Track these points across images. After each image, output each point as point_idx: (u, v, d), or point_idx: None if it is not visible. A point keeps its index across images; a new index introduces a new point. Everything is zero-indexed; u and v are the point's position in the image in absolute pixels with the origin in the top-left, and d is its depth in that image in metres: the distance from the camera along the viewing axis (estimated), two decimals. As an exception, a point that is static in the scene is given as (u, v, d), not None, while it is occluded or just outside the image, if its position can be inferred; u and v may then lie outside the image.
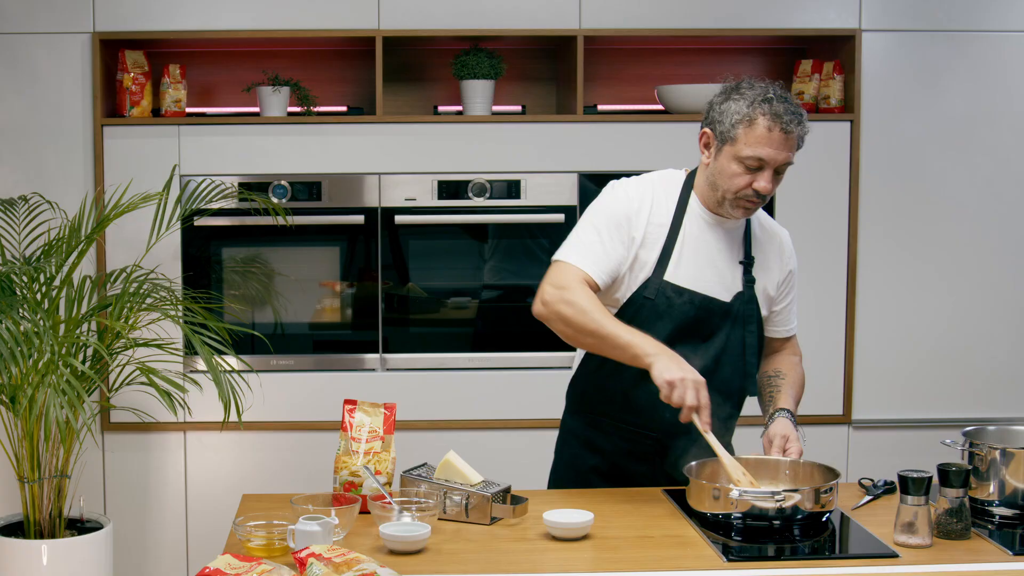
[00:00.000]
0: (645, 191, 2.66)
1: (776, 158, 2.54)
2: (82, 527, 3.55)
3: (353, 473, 2.52)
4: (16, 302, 3.33)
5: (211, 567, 2.05)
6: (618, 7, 3.93)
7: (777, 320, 2.81)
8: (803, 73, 4.09)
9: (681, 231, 2.64)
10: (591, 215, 2.65)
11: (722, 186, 2.59)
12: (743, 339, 2.69)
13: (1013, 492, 2.45)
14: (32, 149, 3.86)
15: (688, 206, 2.66)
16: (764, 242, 2.75)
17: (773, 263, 2.75)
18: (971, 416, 3.98)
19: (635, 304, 2.63)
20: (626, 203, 2.63)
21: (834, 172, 4.01)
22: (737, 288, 2.68)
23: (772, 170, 2.55)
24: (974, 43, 4.02)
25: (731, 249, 2.69)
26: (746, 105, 2.54)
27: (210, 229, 3.92)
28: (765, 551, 2.29)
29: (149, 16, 3.86)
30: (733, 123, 2.54)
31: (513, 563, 2.22)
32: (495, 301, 4.03)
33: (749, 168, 2.55)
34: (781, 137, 2.53)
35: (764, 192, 2.56)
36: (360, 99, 4.21)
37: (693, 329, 2.64)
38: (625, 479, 2.72)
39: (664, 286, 2.62)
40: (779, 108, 2.52)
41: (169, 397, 3.26)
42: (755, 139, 2.52)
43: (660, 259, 2.62)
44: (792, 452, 2.60)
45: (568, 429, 2.82)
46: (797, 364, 2.85)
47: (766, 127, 2.52)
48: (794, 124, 2.53)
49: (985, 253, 4.08)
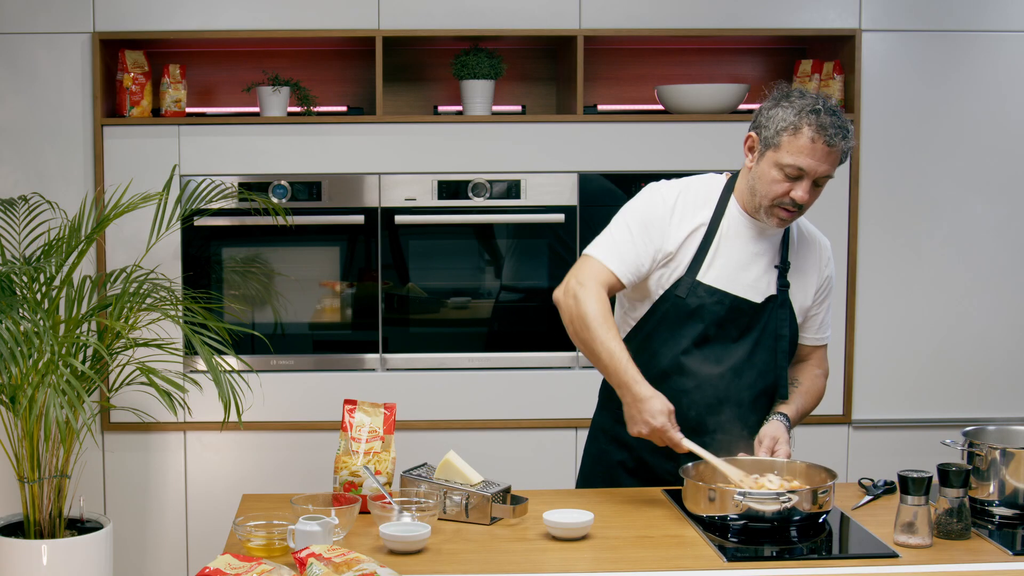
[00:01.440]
0: (681, 195, 2.69)
1: (817, 169, 2.55)
2: (82, 527, 3.55)
3: (353, 473, 2.52)
4: (16, 302, 3.33)
5: (211, 567, 2.05)
6: (618, 7, 3.93)
7: (808, 326, 2.81)
8: (803, 73, 4.09)
9: (718, 233, 2.67)
10: (626, 213, 2.69)
11: (760, 191, 2.61)
12: (775, 343, 2.70)
13: (1013, 492, 2.45)
14: (32, 149, 3.86)
15: (727, 209, 2.68)
16: (803, 248, 2.76)
17: (811, 269, 2.76)
18: (971, 416, 3.98)
19: (667, 301, 2.66)
20: (661, 206, 2.67)
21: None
22: (771, 292, 2.69)
23: (811, 181, 2.56)
24: (974, 43, 4.02)
25: (768, 253, 2.70)
26: (793, 114, 2.55)
27: (210, 229, 3.92)
28: (766, 552, 2.29)
29: (149, 16, 3.86)
30: (779, 130, 2.56)
31: (513, 563, 2.22)
32: (495, 301, 4.03)
33: (788, 176, 2.56)
34: (824, 150, 2.54)
35: (800, 201, 2.57)
36: (360, 99, 4.21)
37: (723, 329, 2.66)
38: (652, 476, 2.73)
39: (696, 286, 2.64)
40: (826, 120, 2.53)
41: (169, 397, 3.26)
42: (798, 148, 2.54)
43: (694, 259, 2.65)
44: (780, 454, 2.60)
45: (597, 425, 2.84)
46: (818, 377, 2.84)
47: (810, 138, 2.53)
48: (839, 138, 2.54)
49: (985, 253, 4.08)
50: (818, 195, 2.62)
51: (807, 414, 2.81)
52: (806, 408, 2.79)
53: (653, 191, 2.71)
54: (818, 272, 2.78)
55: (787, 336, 2.71)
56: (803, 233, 2.79)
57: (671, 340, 2.67)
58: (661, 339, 2.68)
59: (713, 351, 2.65)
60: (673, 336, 2.67)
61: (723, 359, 2.66)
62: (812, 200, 2.60)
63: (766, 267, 2.69)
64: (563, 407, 3.96)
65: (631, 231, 2.65)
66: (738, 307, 2.66)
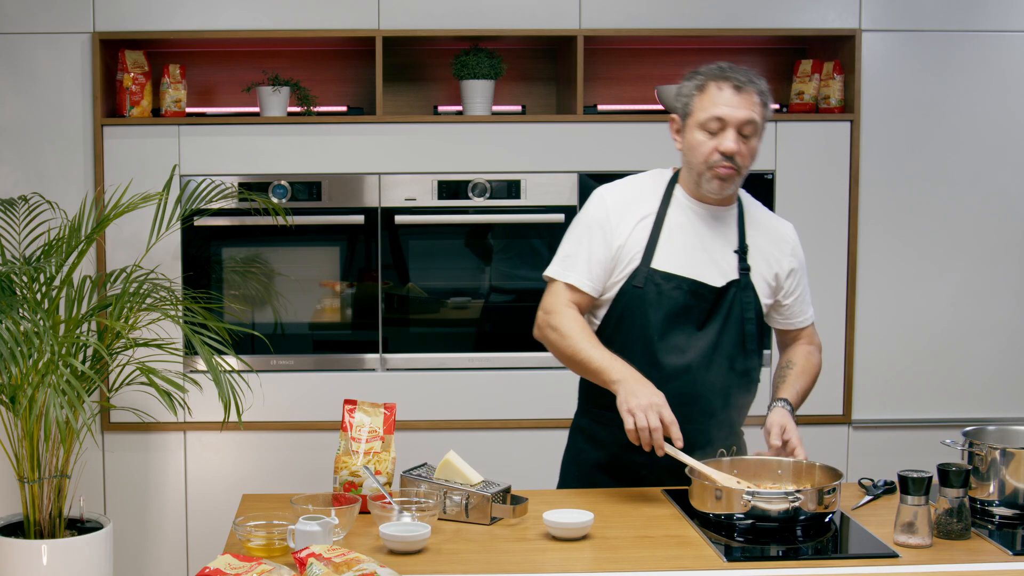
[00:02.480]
0: (621, 191, 2.74)
1: (735, 115, 2.59)
2: (82, 527, 3.55)
3: (353, 473, 2.52)
4: (16, 302, 3.33)
5: (211, 567, 2.05)
6: (618, 7, 3.93)
7: (789, 312, 2.83)
8: (803, 73, 4.09)
9: (666, 220, 2.69)
10: (574, 225, 2.75)
11: (693, 160, 2.65)
12: (741, 327, 2.69)
13: (1013, 492, 2.45)
14: (32, 149, 3.86)
15: (673, 197, 2.72)
16: (760, 232, 2.76)
17: (772, 253, 2.76)
18: (971, 416, 3.98)
19: (626, 295, 2.67)
20: (601, 207, 2.71)
21: (834, 172, 4.01)
22: (733, 276, 2.69)
23: (735, 131, 2.59)
24: (974, 43, 4.02)
25: (724, 237, 2.72)
26: (698, 78, 2.65)
27: (210, 229, 3.92)
28: (765, 551, 2.29)
29: (149, 16, 3.86)
30: (689, 96, 2.65)
31: (513, 563, 2.22)
32: (495, 301, 4.03)
33: (712, 132, 2.61)
34: (733, 93, 2.60)
35: (729, 152, 2.60)
36: (360, 99, 4.21)
37: (686, 316, 2.66)
38: (625, 471, 2.73)
39: (652, 273, 2.65)
40: (728, 71, 2.62)
41: (169, 397, 3.26)
42: (710, 101, 2.61)
43: (646, 249, 2.67)
44: (793, 443, 2.60)
45: (576, 426, 2.85)
46: (812, 353, 2.85)
47: (716, 87, 2.61)
48: (743, 79, 2.61)
49: (985, 253, 4.08)
50: (754, 152, 2.64)
51: (808, 393, 2.81)
52: (806, 388, 2.80)
53: (594, 195, 2.75)
54: (782, 256, 2.78)
55: (753, 319, 2.71)
56: (760, 217, 2.79)
57: (635, 334, 2.67)
58: (625, 334, 2.68)
59: (678, 340, 2.64)
60: (636, 329, 2.67)
61: (688, 348, 2.65)
62: (747, 156, 2.63)
63: (723, 251, 2.70)
64: (563, 407, 3.94)
65: (580, 241, 2.70)
66: (698, 292, 2.66)
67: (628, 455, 2.70)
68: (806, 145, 4.01)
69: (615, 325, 2.70)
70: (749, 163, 2.65)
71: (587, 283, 2.68)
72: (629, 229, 2.67)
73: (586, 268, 2.67)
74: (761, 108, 2.63)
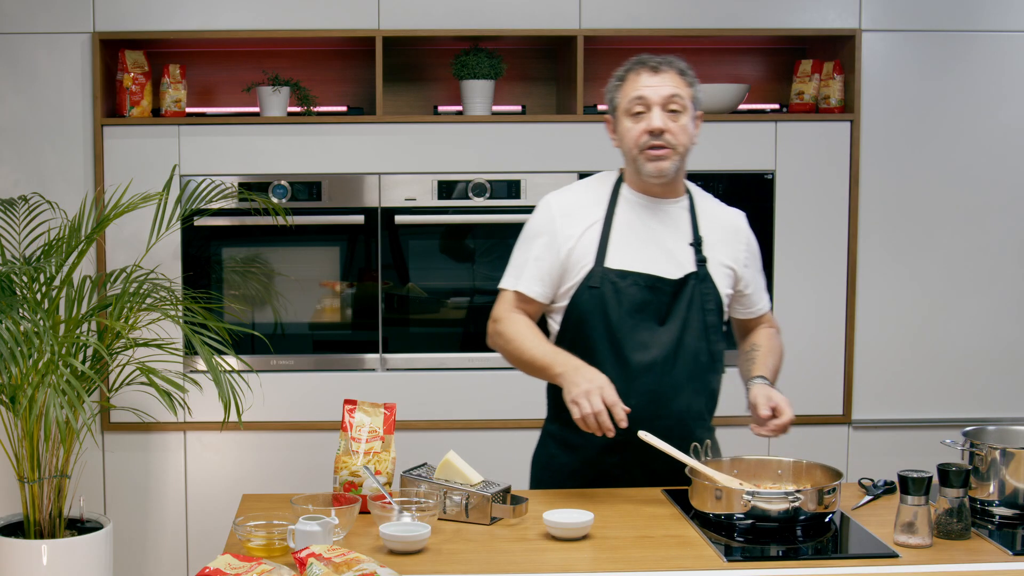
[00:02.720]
0: (566, 198, 2.76)
1: (657, 93, 2.63)
2: (82, 527, 3.55)
3: (353, 473, 2.52)
4: (16, 302, 3.33)
5: (211, 567, 2.05)
6: (618, 7, 3.93)
7: (746, 302, 2.83)
8: (803, 73, 4.09)
9: (616, 220, 2.70)
10: (522, 234, 2.77)
11: (627, 148, 2.68)
12: (703, 319, 2.69)
13: (1013, 492, 2.45)
14: (32, 149, 3.86)
15: (620, 195, 2.73)
16: (713, 223, 2.76)
17: (728, 244, 2.76)
18: (971, 416, 3.98)
19: (583, 296, 2.67)
20: (546, 214, 2.73)
21: (834, 172, 4.01)
22: (690, 268, 2.69)
23: (660, 108, 2.62)
24: (974, 43, 4.02)
25: (678, 230, 2.72)
26: (619, 72, 2.72)
27: (210, 229, 3.92)
28: (765, 551, 2.29)
29: (149, 16, 3.86)
30: (614, 91, 2.71)
31: (513, 563, 2.22)
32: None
33: (639, 116, 2.64)
34: (650, 74, 2.65)
35: (656, 129, 2.62)
36: (360, 99, 4.21)
37: (646, 311, 2.66)
38: (598, 473, 2.72)
39: (607, 273, 2.66)
40: (643, 58, 2.69)
41: (169, 397, 3.26)
42: (631, 87, 2.67)
43: (598, 250, 2.67)
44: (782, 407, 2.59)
45: (547, 432, 2.84)
46: (773, 335, 2.86)
47: (634, 73, 2.68)
48: (658, 60, 2.66)
49: (985, 253, 4.08)
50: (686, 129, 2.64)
51: (779, 372, 2.81)
52: (777, 366, 2.80)
53: (541, 203, 2.77)
54: (735, 245, 2.78)
55: (714, 310, 2.71)
56: (711, 208, 2.79)
57: (597, 334, 2.66)
58: (587, 336, 2.67)
59: (642, 337, 2.64)
60: (598, 330, 2.66)
61: (652, 344, 2.64)
62: (679, 132, 2.63)
63: (678, 244, 2.70)
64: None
65: (528, 250, 2.72)
66: (655, 286, 2.66)
67: (600, 457, 2.70)
68: (806, 145, 4.01)
69: (575, 328, 2.69)
70: (684, 141, 2.65)
71: (536, 290, 2.70)
72: (578, 234, 2.68)
73: (535, 275, 2.69)
74: (684, 84, 2.66)
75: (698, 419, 2.71)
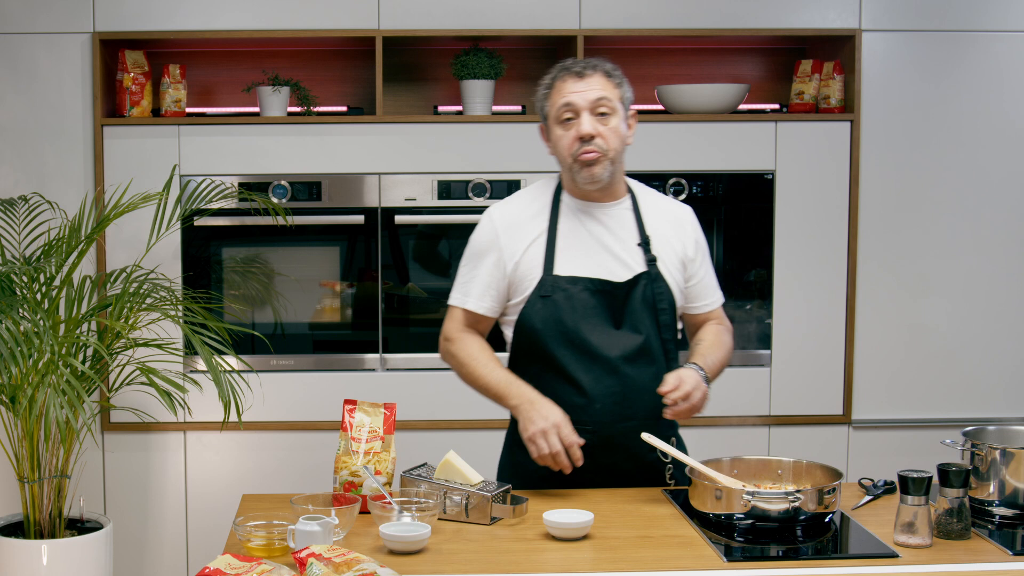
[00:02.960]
0: (509, 210, 2.75)
1: (585, 98, 2.62)
2: (82, 527, 3.55)
3: (353, 473, 2.52)
4: (16, 302, 3.33)
5: (211, 567, 2.05)
6: (618, 7, 3.93)
7: (693, 295, 2.79)
8: (803, 73, 4.09)
9: (560, 229, 2.69)
10: (467, 251, 2.77)
11: (562, 157, 2.67)
12: (657, 319, 2.68)
13: (1013, 492, 2.45)
14: (32, 149, 3.86)
15: (561, 203, 2.72)
16: (659, 220, 2.75)
17: (676, 239, 2.75)
18: (971, 416, 3.98)
19: (535, 306, 2.66)
20: (489, 228, 2.73)
21: (834, 172, 4.01)
22: (640, 268, 2.68)
23: (589, 113, 2.62)
24: (974, 43, 4.02)
25: (623, 231, 2.71)
26: (546, 82, 2.70)
27: (210, 229, 3.92)
28: (765, 551, 2.29)
29: (149, 16, 3.86)
30: (543, 100, 2.71)
31: (513, 563, 2.22)
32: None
33: (569, 123, 2.63)
34: (576, 80, 2.64)
35: (586, 134, 2.61)
36: (360, 99, 4.21)
37: (599, 316, 2.66)
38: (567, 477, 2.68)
39: (556, 280, 2.66)
40: (567, 64, 2.67)
41: (169, 397, 3.26)
42: (557, 95, 2.65)
43: (545, 260, 2.67)
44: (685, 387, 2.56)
45: (513, 439, 2.81)
46: (721, 332, 2.82)
47: (560, 80, 2.66)
48: (583, 65, 2.65)
49: (985, 253, 4.08)
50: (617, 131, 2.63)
51: (722, 367, 2.75)
52: (719, 360, 2.74)
53: (484, 217, 2.77)
54: (685, 239, 2.76)
55: (667, 310, 2.70)
56: (656, 205, 2.78)
57: (553, 343, 2.66)
58: (543, 345, 2.67)
59: (599, 341, 2.64)
60: (555, 338, 2.66)
61: (610, 348, 2.64)
62: (610, 136, 2.63)
63: (625, 246, 2.69)
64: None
65: (474, 266, 2.72)
66: (606, 290, 2.66)
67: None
68: (806, 145, 4.01)
69: (530, 337, 2.68)
70: (615, 144, 2.64)
71: (485, 306, 2.71)
72: (523, 248, 2.68)
73: (482, 291, 2.70)
74: (612, 86, 2.65)
75: (662, 417, 2.70)
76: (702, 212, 4.02)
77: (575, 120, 2.62)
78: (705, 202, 4.01)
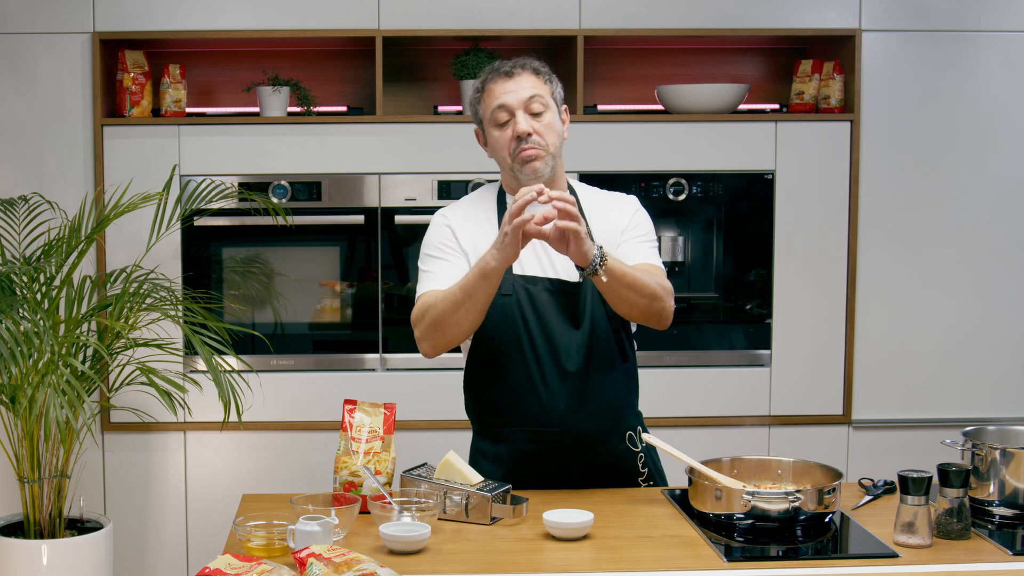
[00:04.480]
0: (462, 212, 2.75)
1: (518, 97, 2.62)
2: (82, 527, 3.55)
3: (353, 473, 2.52)
4: (16, 302, 3.33)
5: (211, 567, 2.05)
6: (618, 7, 3.93)
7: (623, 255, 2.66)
8: (803, 73, 4.09)
9: None
10: (423, 251, 2.75)
11: (501, 158, 2.67)
12: (612, 316, 2.67)
13: (1013, 492, 2.45)
14: (32, 149, 3.86)
15: (505, 205, 2.71)
16: (600, 214, 2.74)
17: (612, 226, 2.72)
18: (971, 416, 3.98)
19: (496, 304, 2.65)
20: (444, 226, 2.73)
21: (834, 172, 4.01)
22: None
23: (523, 112, 2.62)
24: (974, 43, 4.02)
25: None
26: (476, 86, 2.71)
27: (210, 229, 3.92)
28: (765, 551, 2.29)
29: (149, 16, 3.86)
30: (476, 104, 2.70)
31: (513, 563, 2.22)
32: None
33: (504, 123, 2.64)
34: (505, 80, 2.65)
35: (523, 133, 2.61)
36: (360, 99, 4.21)
37: (560, 315, 2.66)
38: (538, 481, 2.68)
39: (516, 280, 2.66)
40: (495, 66, 2.68)
41: (169, 397, 3.26)
42: (490, 98, 2.66)
43: None
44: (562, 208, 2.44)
45: (477, 450, 2.80)
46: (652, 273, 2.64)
47: (491, 82, 2.66)
48: (511, 66, 2.65)
49: (985, 253, 4.08)
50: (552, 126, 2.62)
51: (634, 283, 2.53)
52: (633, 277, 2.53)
53: (434, 219, 2.76)
54: (618, 221, 2.73)
55: None
56: (597, 200, 2.77)
57: (515, 344, 2.66)
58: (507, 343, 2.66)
59: (561, 341, 2.64)
60: (519, 335, 2.66)
61: (571, 347, 2.64)
62: (547, 131, 2.62)
63: None
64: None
65: (434, 256, 2.71)
66: (562, 290, 2.66)
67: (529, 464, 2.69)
68: (806, 145, 4.01)
69: (493, 335, 2.67)
70: (552, 139, 2.64)
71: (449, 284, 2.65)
72: (478, 243, 2.67)
73: (451, 271, 2.66)
74: (542, 83, 2.66)
75: (627, 407, 2.72)
76: (702, 212, 4.06)
77: (510, 120, 2.63)
78: (705, 202, 4.01)
